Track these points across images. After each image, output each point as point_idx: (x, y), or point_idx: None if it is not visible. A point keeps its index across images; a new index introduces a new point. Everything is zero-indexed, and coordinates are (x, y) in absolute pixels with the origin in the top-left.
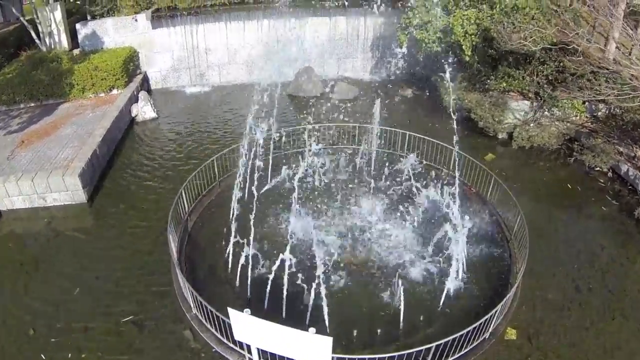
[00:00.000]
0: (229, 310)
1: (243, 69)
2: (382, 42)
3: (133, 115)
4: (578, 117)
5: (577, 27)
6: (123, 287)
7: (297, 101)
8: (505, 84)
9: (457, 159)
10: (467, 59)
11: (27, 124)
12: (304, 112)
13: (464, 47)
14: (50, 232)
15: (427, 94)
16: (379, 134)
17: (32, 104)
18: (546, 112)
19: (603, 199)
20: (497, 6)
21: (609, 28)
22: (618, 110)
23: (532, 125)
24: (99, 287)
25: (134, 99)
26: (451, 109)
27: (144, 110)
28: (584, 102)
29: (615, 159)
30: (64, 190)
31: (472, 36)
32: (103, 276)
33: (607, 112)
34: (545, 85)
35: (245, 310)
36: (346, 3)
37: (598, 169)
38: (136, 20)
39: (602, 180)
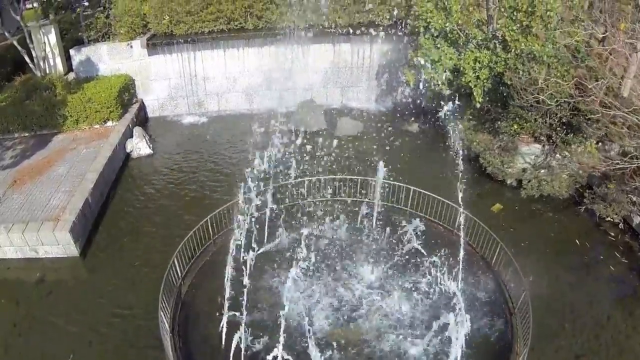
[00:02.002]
0: None
1: (243, 97)
2: (389, 70)
3: (128, 151)
4: (590, 160)
5: (597, 74)
6: (117, 356)
7: (297, 137)
8: (516, 126)
9: (462, 231)
10: (478, 105)
11: (20, 158)
12: (305, 152)
13: (475, 93)
14: (43, 289)
15: (434, 128)
16: (382, 192)
17: (26, 134)
18: (557, 155)
19: (613, 256)
20: (512, 50)
21: (626, 71)
22: (632, 150)
23: (542, 171)
24: (93, 353)
25: (128, 134)
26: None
27: (138, 146)
28: (597, 142)
29: (627, 209)
30: (56, 244)
31: (484, 81)
32: (97, 341)
33: (620, 151)
34: (559, 128)
35: None
36: (350, 30)
37: (609, 219)
38: (131, 46)
39: (612, 234)
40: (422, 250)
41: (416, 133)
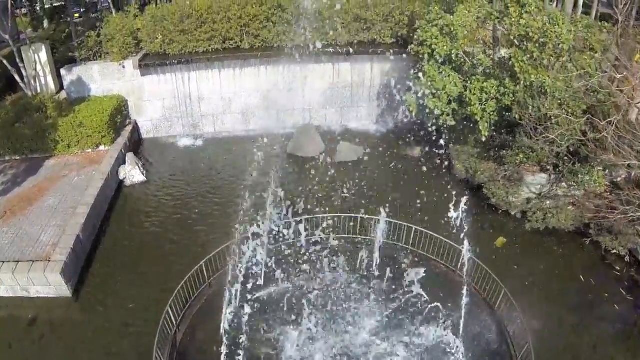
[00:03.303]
0: None
1: (239, 118)
2: (390, 90)
3: (121, 178)
4: (597, 188)
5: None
6: None
7: (296, 164)
8: (522, 156)
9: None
10: (484, 139)
11: (11, 184)
12: (302, 182)
13: (480, 127)
14: (35, 333)
15: (437, 153)
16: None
17: (17, 158)
18: (563, 184)
19: (617, 293)
20: (522, 82)
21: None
22: None
23: (548, 202)
24: None
25: (121, 159)
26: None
27: (132, 174)
28: (604, 170)
29: (634, 241)
30: (47, 285)
31: (491, 114)
32: None
33: (628, 177)
34: (566, 158)
35: None
36: (351, 50)
37: (615, 251)
38: (124, 66)
39: (617, 268)
40: (424, 294)
41: (418, 158)
